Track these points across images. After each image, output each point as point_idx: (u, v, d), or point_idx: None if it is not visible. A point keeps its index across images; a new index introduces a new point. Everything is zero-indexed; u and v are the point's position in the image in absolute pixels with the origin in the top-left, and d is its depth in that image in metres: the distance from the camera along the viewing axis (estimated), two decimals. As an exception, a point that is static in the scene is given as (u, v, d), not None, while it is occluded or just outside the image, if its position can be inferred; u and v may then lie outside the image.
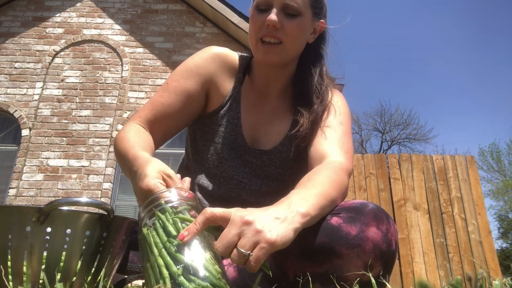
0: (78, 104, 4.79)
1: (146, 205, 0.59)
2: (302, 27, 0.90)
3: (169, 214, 0.57)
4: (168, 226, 0.55)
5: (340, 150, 0.84)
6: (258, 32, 0.89)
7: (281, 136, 0.95)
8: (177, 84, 0.93)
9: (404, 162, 4.22)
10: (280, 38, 0.88)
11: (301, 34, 0.91)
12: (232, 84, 0.97)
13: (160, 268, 0.50)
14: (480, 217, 3.98)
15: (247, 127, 0.95)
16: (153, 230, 0.55)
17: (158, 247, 0.53)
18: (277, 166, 0.93)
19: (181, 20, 5.28)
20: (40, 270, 0.50)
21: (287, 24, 0.88)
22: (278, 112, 0.98)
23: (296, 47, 0.93)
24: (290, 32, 0.88)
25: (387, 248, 0.64)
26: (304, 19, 0.90)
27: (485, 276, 0.53)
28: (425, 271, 3.72)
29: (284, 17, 0.88)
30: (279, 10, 0.88)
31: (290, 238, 0.54)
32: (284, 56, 0.91)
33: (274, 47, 0.88)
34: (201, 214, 0.54)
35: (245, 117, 0.96)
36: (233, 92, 0.96)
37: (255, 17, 0.90)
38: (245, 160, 0.93)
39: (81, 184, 4.37)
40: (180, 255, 0.51)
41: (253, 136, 0.96)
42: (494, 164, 17.27)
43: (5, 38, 5.10)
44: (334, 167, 0.76)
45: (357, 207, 0.67)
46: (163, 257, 0.51)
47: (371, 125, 17.66)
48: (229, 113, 0.95)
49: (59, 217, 0.52)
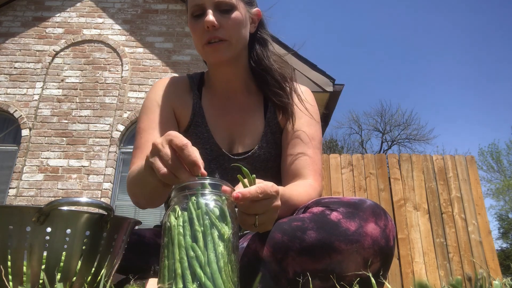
0: (78, 104, 4.79)
1: (182, 187, 0.56)
2: (238, 20, 0.92)
3: (202, 212, 0.53)
4: (197, 229, 0.52)
5: (313, 174, 0.91)
6: (201, 39, 0.91)
7: (257, 137, 0.97)
8: (149, 121, 0.95)
9: (404, 162, 4.22)
10: (223, 37, 0.90)
11: (241, 26, 0.93)
12: (190, 103, 0.99)
13: (176, 277, 0.49)
14: (480, 217, 3.98)
15: (220, 135, 0.96)
16: (180, 223, 0.53)
17: (180, 250, 0.51)
18: (258, 169, 0.95)
19: (181, 20, 5.28)
20: (40, 270, 0.50)
21: (225, 21, 0.90)
22: (247, 110, 1.00)
23: (241, 40, 0.95)
24: (230, 27, 0.91)
25: (385, 244, 0.65)
26: (239, 11, 0.92)
27: (485, 276, 0.53)
28: (425, 271, 3.72)
29: (220, 15, 0.90)
30: (213, 10, 0.90)
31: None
32: (232, 50, 0.93)
33: (220, 44, 0.91)
34: (262, 187, 0.59)
35: (214, 127, 0.97)
36: (194, 109, 0.98)
37: (194, 25, 0.92)
38: (225, 168, 0.94)
39: (81, 184, 4.37)
40: (199, 271, 0.49)
41: (228, 141, 0.97)
42: (494, 164, 17.28)
43: (5, 38, 5.10)
44: (309, 186, 0.86)
45: (356, 203, 0.68)
46: (182, 265, 0.50)
47: (372, 125, 17.67)
48: (197, 129, 0.96)
49: (59, 217, 0.52)
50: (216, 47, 0.91)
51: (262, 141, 0.96)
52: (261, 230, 0.65)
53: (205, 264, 0.50)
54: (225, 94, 1.01)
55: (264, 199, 0.60)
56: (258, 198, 0.59)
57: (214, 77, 1.01)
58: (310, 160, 0.92)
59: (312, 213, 0.70)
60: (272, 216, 0.63)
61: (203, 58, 0.98)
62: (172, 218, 0.55)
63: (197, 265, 0.50)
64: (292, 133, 0.96)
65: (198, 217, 0.53)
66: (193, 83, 1.02)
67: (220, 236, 0.53)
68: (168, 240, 0.53)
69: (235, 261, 0.53)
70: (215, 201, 0.55)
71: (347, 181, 4.11)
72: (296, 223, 0.69)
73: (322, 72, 4.82)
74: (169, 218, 0.55)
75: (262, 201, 0.60)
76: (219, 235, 0.52)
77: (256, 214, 0.60)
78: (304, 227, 0.67)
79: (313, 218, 0.68)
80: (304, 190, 0.82)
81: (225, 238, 0.53)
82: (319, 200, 0.75)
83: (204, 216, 0.53)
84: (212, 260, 0.50)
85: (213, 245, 0.52)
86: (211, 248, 0.51)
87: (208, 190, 0.56)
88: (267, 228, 0.64)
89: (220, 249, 0.51)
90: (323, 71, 4.83)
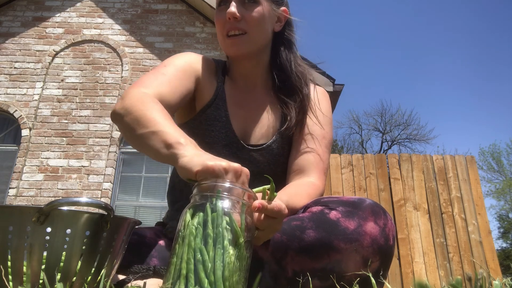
0: (78, 104, 4.79)
1: (203, 188, 0.55)
2: (262, 14, 0.93)
3: (218, 215, 0.52)
4: (209, 233, 0.51)
5: (318, 172, 0.91)
6: (223, 29, 0.93)
7: (272, 132, 0.97)
8: (174, 65, 0.91)
9: (404, 162, 4.21)
10: (243, 28, 0.91)
11: (263, 21, 0.94)
12: (214, 85, 0.99)
13: (180, 277, 0.49)
14: (480, 217, 3.98)
15: (236, 123, 0.96)
16: (194, 223, 0.52)
17: (189, 250, 0.50)
18: (270, 163, 0.94)
19: (181, 20, 5.28)
20: (40, 270, 0.50)
21: (247, 14, 0.91)
22: (265, 105, 1.00)
23: (261, 35, 0.95)
24: (251, 20, 0.91)
25: (385, 243, 0.65)
26: (263, 6, 0.93)
27: (485, 276, 0.53)
28: (425, 271, 3.72)
29: (243, 8, 0.91)
30: (237, 1, 0.91)
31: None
32: (251, 45, 0.93)
33: (239, 38, 0.92)
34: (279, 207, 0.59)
35: (233, 114, 0.96)
36: (218, 91, 0.97)
37: (218, 15, 0.94)
38: (237, 157, 0.93)
39: (81, 184, 4.37)
40: (203, 275, 0.48)
41: (244, 131, 0.97)
42: (494, 164, 17.28)
43: (5, 38, 5.10)
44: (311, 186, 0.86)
45: (355, 202, 0.68)
46: (187, 266, 0.49)
47: (372, 125, 17.65)
48: (216, 112, 0.95)
49: (59, 217, 0.52)
50: (235, 40, 0.92)
51: (277, 136, 0.96)
52: (253, 243, 0.65)
53: (210, 270, 0.49)
54: (244, 87, 1.01)
55: (274, 218, 0.60)
56: (272, 214, 0.59)
57: (234, 69, 1.02)
58: (317, 158, 0.92)
59: (311, 212, 0.70)
60: (269, 236, 0.63)
61: (224, 51, 0.98)
62: (188, 216, 0.54)
63: (202, 269, 0.49)
64: (305, 131, 0.96)
65: (213, 220, 0.52)
66: (219, 67, 1.02)
67: (232, 243, 0.51)
68: (180, 238, 0.53)
69: (244, 270, 0.52)
70: (234, 207, 0.54)
71: (347, 181, 4.11)
72: (295, 223, 0.69)
73: (322, 72, 4.82)
74: (186, 215, 0.55)
75: (271, 219, 0.60)
76: (230, 242, 0.51)
77: (258, 228, 0.60)
78: (303, 226, 0.67)
79: (312, 217, 0.68)
80: (306, 193, 0.82)
81: (236, 245, 0.52)
82: (318, 199, 0.75)
83: (218, 221, 0.52)
84: (218, 267, 0.49)
85: (222, 251, 0.50)
86: (219, 254, 0.50)
87: (227, 194, 0.54)
88: (257, 244, 0.64)
89: (229, 256, 0.50)
90: (323, 71, 4.83)
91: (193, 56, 0.98)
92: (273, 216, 0.59)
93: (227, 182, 0.55)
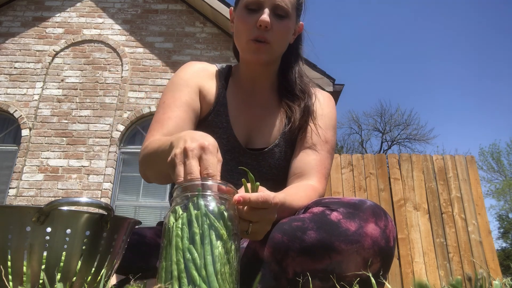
0: (78, 104, 4.79)
1: (183, 188, 0.56)
2: (288, 29, 0.94)
3: (202, 213, 0.53)
4: (195, 231, 0.52)
5: (318, 176, 0.91)
6: (249, 33, 0.92)
7: (275, 135, 0.97)
8: (174, 99, 0.94)
9: (404, 162, 4.22)
10: (269, 39, 0.91)
11: (287, 35, 0.95)
12: (216, 92, 0.99)
13: (173, 279, 0.49)
14: (480, 217, 3.98)
15: (239, 128, 0.97)
16: (179, 225, 0.52)
17: (177, 252, 0.51)
18: (272, 167, 0.95)
19: (181, 20, 5.28)
20: (40, 270, 0.50)
21: (276, 26, 0.91)
22: (269, 108, 1.01)
23: (282, 48, 0.97)
24: (278, 33, 0.92)
25: (385, 245, 0.65)
26: (291, 21, 0.94)
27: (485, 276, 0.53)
28: (425, 271, 3.72)
29: (274, 18, 0.91)
30: (270, 10, 0.91)
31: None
32: (271, 55, 0.95)
33: (263, 46, 0.92)
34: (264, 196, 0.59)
35: (235, 119, 0.97)
36: (218, 98, 0.98)
37: (246, 17, 0.93)
38: (239, 161, 0.94)
39: (81, 184, 4.37)
40: (195, 273, 0.49)
41: (246, 135, 0.97)
42: (494, 164, 17.28)
43: (5, 38, 5.10)
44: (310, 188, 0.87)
45: (356, 203, 0.68)
46: (178, 267, 0.50)
47: (371, 125, 17.66)
48: (217, 118, 0.96)
49: (59, 217, 0.52)
50: (260, 47, 0.91)
51: (280, 139, 0.97)
52: (251, 238, 0.65)
53: (201, 267, 0.49)
54: (250, 89, 1.02)
55: (262, 208, 0.60)
56: (258, 205, 0.59)
57: (243, 72, 1.02)
58: (319, 162, 0.92)
59: (312, 213, 0.70)
60: (265, 228, 0.63)
61: (240, 52, 0.98)
62: (171, 219, 0.55)
63: (192, 267, 0.49)
64: (307, 135, 0.96)
65: (197, 218, 0.53)
66: (221, 72, 1.03)
67: (219, 238, 0.52)
68: (167, 241, 0.53)
69: (235, 263, 0.53)
70: (216, 202, 0.55)
71: (347, 181, 4.11)
72: (296, 223, 0.69)
73: (322, 72, 4.82)
74: (169, 219, 0.55)
75: (260, 210, 0.60)
76: (217, 236, 0.52)
77: (250, 221, 0.60)
78: (304, 227, 0.67)
79: (313, 218, 0.68)
80: (305, 194, 0.82)
81: (223, 239, 0.52)
82: (319, 200, 0.75)
83: (203, 218, 0.53)
84: (208, 263, 0.50)
85: (211, 247, 0.51)
86: (208, 250, 0.51)
87: (209, 192, 0.55)
88: (258, 238, 0.64)
89: (218, 251, 0.51)
90: (323, 71, 4.83)
91: (188, 69, 1.00)
92: (261, 207, 0.59)
93: (205, 180, 0.56)
